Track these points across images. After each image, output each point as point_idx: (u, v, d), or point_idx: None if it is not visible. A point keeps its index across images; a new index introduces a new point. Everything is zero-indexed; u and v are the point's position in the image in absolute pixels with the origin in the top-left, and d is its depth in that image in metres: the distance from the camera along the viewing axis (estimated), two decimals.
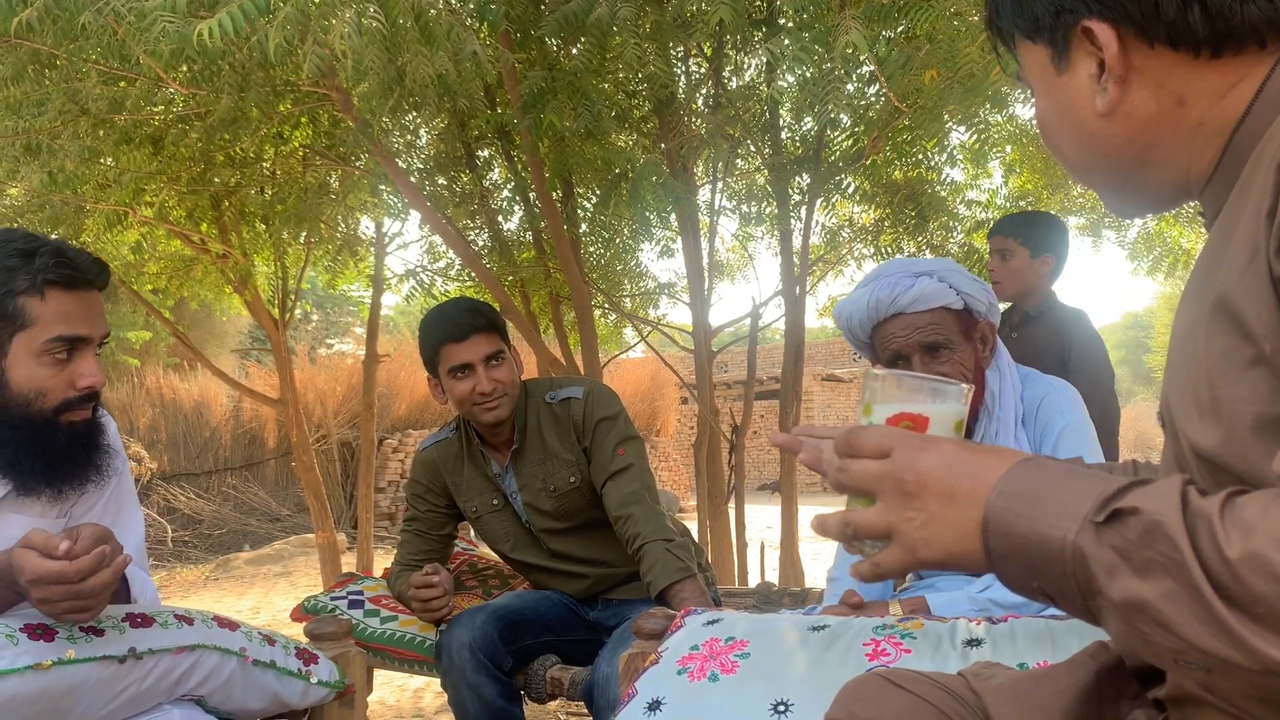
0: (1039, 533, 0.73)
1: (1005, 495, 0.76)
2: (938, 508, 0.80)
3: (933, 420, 0.91)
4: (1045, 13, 0.89)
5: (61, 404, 1.60)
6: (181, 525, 11.04)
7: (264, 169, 5.38)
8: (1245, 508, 0.65)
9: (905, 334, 1.96)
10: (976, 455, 0.81)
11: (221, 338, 15.18)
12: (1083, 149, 0.92)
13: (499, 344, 2.45)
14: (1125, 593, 0.68)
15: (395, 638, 2.64)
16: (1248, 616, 0.63)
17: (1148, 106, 0.85)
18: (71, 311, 1.58)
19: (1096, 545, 0.70)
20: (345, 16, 2.51)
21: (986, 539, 0.77)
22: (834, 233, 5.96)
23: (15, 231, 1.61)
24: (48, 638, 1.48)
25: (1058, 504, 0.73)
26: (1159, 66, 0.84)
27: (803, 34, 3.19)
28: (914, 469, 0.81)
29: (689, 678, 1.55)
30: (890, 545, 0.83)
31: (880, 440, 0.85)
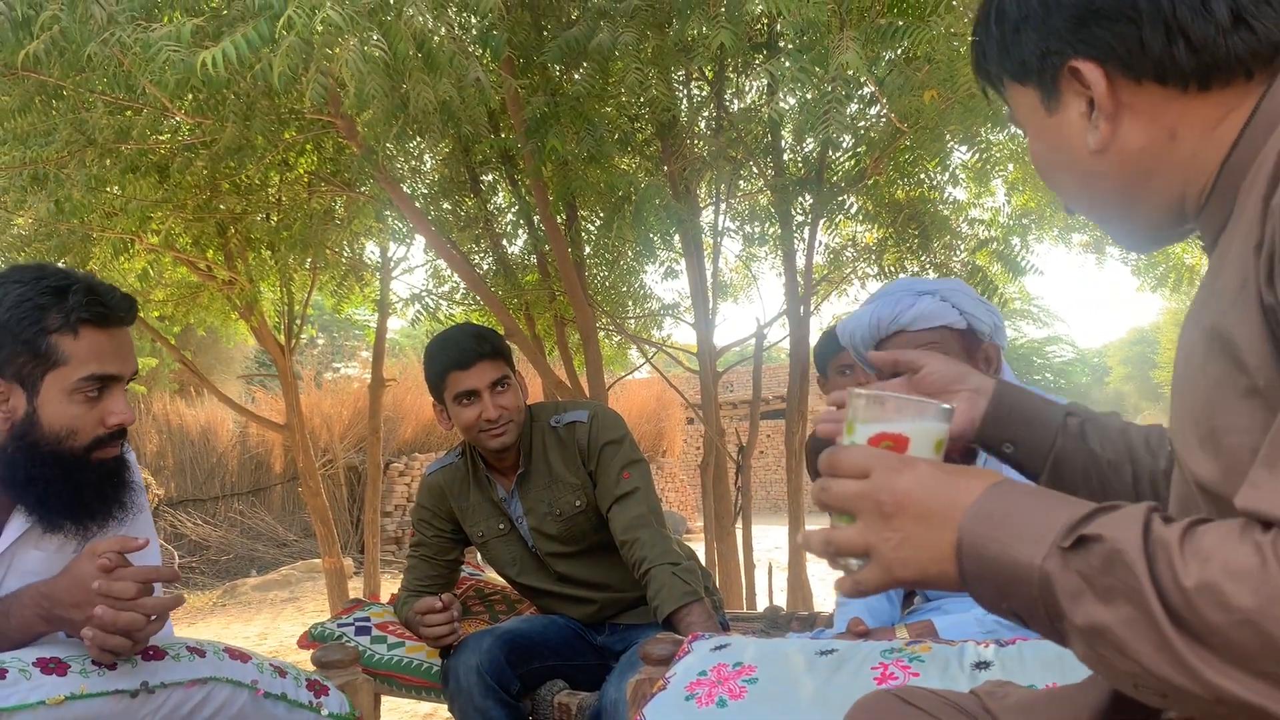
0: (1009, 556, 0.75)
1: (978, 518, 0.78)
2: (913, 529, 0.81)
3: (913, 440, 0.92)
4: (1032, 55, 0.89)
5: (93, 442, 1.60)
6: (188, 551, 11.03)
7: (269, 196, 5.41)
8: (1204, 537, 0.66)
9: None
10: (952, 477, 0.82)
11: (228, 363, 15.22)
12: (1080, 186, 0.93)
13: (504, 370, 2.45)
14: (1087, 618, 0.69)
15: (403, 664, 2.64)
16: (1201, 645, 0.64)
17: (1139, 141, 0.86)
18: (103, 350, 1.58)
19: (1062, 570, 0.71)
20: (349, 45, 2.53)
21: (960, 561, 0.78)
22: (837, 252, 5.97)
23: (47, 268, 1.61)
24: (60, 672, 1.48)
25: (1027, 529, 0.74)
26: (1148, 101, 0.85)
27: (802, 55, 3.21)
28: (891, 490, 0.83)
29: (697, 704, 1.54)
30: (869, 563, 0.84)
31: (860, 460, 0.86)
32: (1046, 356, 26.89)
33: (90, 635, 1.46)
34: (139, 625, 1.48)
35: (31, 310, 1.53)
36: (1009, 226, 5.92)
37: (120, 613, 1.45)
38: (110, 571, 1.46)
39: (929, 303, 1.94)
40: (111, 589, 1.46)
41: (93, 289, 1.58)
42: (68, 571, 1.52)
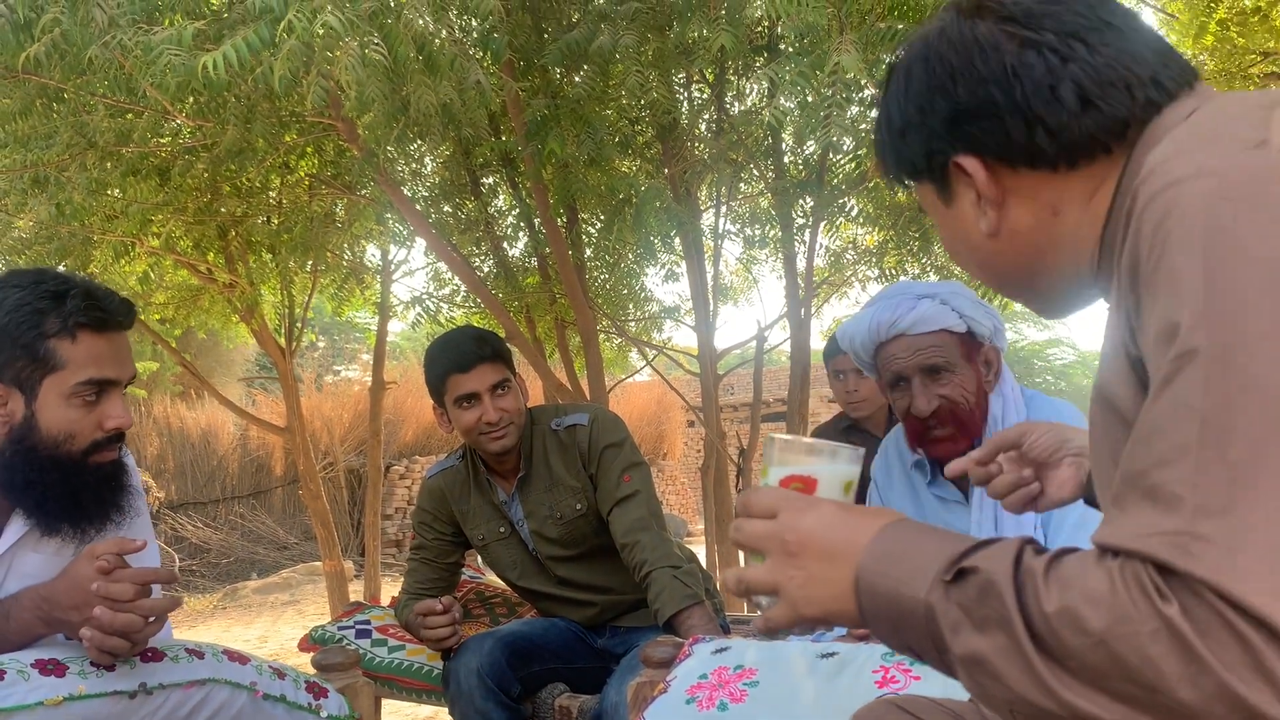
0: (898, 592, 0.78)
1: (873, 556, 0.81)
2: (816, 567, 0.85)
3: (821, 482, 0.95)
4: (919, 156, 0.95)
5: (90, 446, 1.60)
6: (189, 554, 11.03)
7: (270, 199, 5.41)
8: (1066, 566, 0.70)
9: (906, 356, 1.96)
10: (854, 517, 0.86)
11: (228, 366, 15.22)
12: (983, 267, 0.99)
13: (505, 373, 2.45)
14: (966, 647, 0.72)
15: (403, 667, 2.63)
16: (1061, 669, 0.67)
17: (1027, 221, 0.92)
18: (101, 354, 1.58)
19: (944, 603, 0.74)
20: (349, 48, 2.53)
21: (859, 598, 0.82)
22: (838, 255, 5.97)
23: (45, 272, 1.61)
24: (59, 673, 1.48)
25: (914, 564, 0.78)
26: (1028, 184, 0.90)
27: (802, 59, 3.21)
28: (796, 530, 0.86)
29: (698, 707, 1.54)
30: (778, 601, 0.88)
31: (769, 501, 0.90)
32: (1047, 359, 26.86)
33: (89, 636, 1.46)
34: (137, 627, 1.48)
35: (30, 315, 1.53)
36: None
37: (118, 614, 1.46)
38: (108, 573, 1.46)
39: (928, 306, 1.94)
40: (110, 590, 1.46)
41: (91, 294, 1.58)
42: (66, 574, 1.52)
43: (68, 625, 1.51)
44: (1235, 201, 0.70)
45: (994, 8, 0.90)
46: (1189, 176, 0.73)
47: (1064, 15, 0.88)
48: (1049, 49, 0.86)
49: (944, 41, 0.91)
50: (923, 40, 0.94)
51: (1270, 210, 0.69)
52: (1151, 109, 0.86)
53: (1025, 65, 0.87)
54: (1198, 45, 5.51)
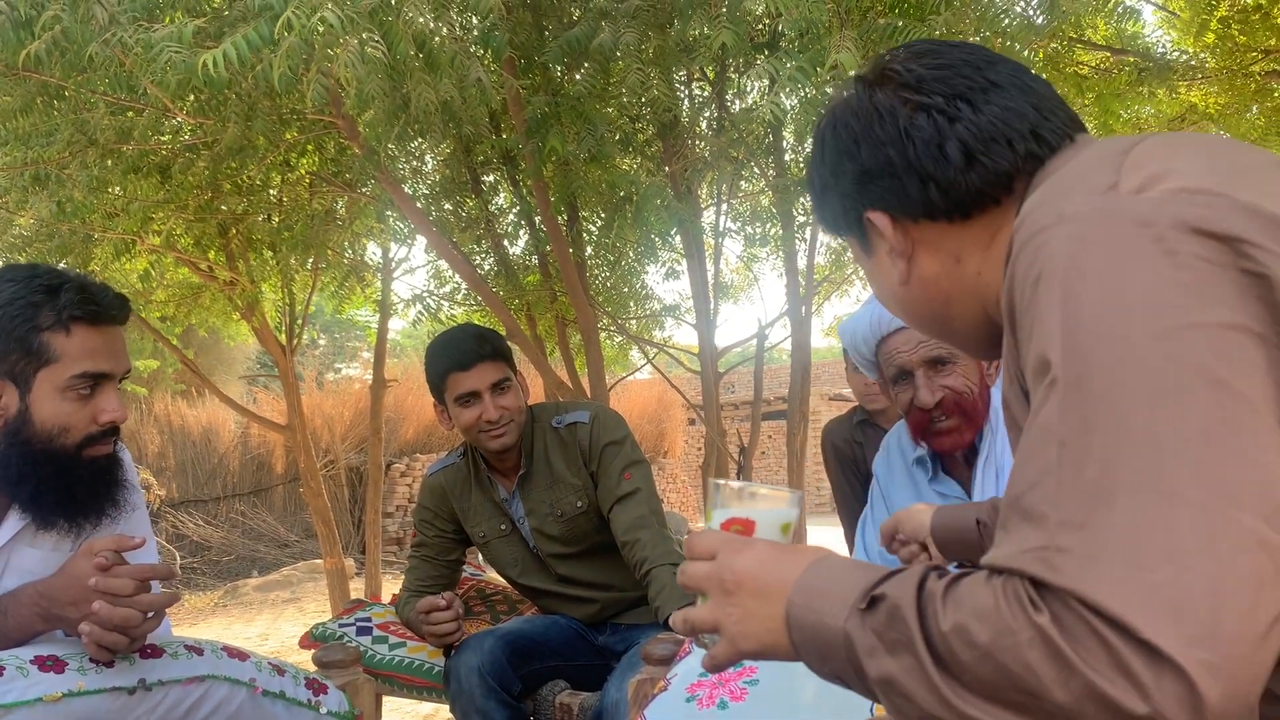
0: (821, 622, 0.82)
1: (800, 591, 0.86)
2: (751, 604, 0.89)
3: (759, 524, 1.01)
4: (839, 214, 1.04)
5: (84, 439, 1.60)
6: (190, 552, 11.03)
7: (271, 196, 5.41)
8: (961, 587, 0.74)
9: (909, 349, 1.95)
10: (785, 556, 0.90)
11: (229, 364, 15.22)
12: (903, 312, 1.07)
13: (505, 371, 2.45)
14: (879, 670, 0.77)
15: (404, 664, 2.63)
16: (958, 684, 0.71)
17: (933, 268, 1.00)
18: (96, 348, 1.58)
19: (860, 630, 0.79)
20: (349, 46, 2.52)
21: (790, 632, 0.86)
22: (838, 253, 5.97)
23: (39, 267, 1.62)
24: (58, 669, 1.48)
25: (835, 596, 0.82)
26: (932, 235, 0.98)
27: (801, 55, 3.21)
28: (732, 569, 0.91)
29: (698, 705, 1.54)
30: (720, 639, 0.92)
31: (708, 543, 0.95)
32: None
33: (87, 631, 1.46)
34: (135, 622, 1.48)
35: (24, 308, 1.54)
36: None
37: (116, 609, 1.46)
38: (106, 569, 1.47)
39: None
40: (108, 585, 1.46)
41: (85, 287, 1.59)
42: (64, 570, 1.52)
43: (66, 622, 1.51)
44: (1087, 241, 0.77)
45: (893, 76, 0.98)
46: (1051, 223, 0.80)
47: (953, 79, 0.95)
48: (937, 111, 0.94)
49: (848, 110, 1.00)
50: (832, 110, 1.03)
51: (1114, 247, 0.75)
52: (1034, 161, 0.94)
53: (916, 127, 0.95)
54: (1199, 43, 5.51)
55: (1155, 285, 0.72)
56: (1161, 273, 0.72)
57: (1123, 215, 0.76)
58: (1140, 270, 0.73)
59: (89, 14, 2.60)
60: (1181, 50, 5.71)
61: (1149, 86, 5.28)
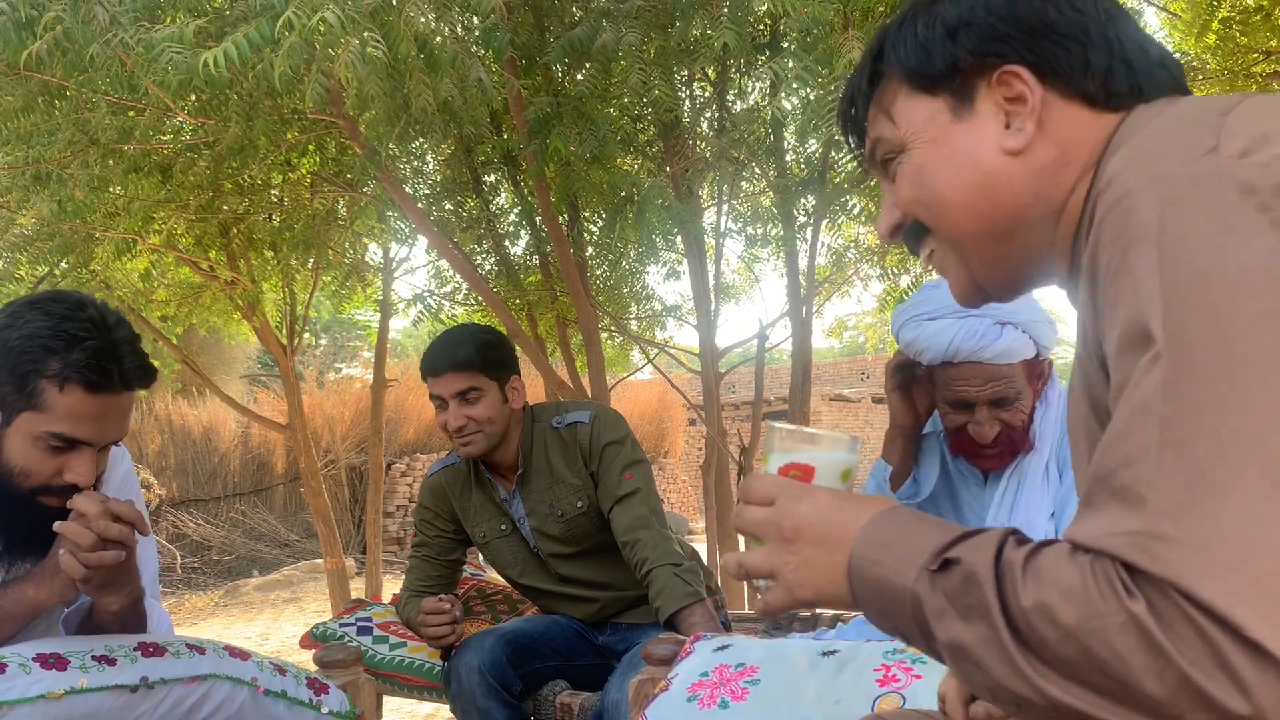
0: (887, 579, 0.81)
1: (864, 543, 0.84)
2: (810, 552, 0.88)
3: (818, 470, 0.98)
4: (959, 56, 0.94)
5: (41, 486, 1.55)
6: (190, 552, 11.04)
7: (272, 196, 5.41)
8: (1043, 559, 0.72)
9: (978, 385, 1.92)
10: (847, 504, 0.88)
11: (230, 364, 15.22)
12: (976, 193, 0.94)
13: (471, 381, 2.42)
14: (949, 635, 0.75)
15: (404, 664, 2.64)
16: (1037, 659, 0.70)
17: (1048, 153, 0.91)
18: (82, 414, 1.53)
19: (930, 592, 0.77)
20: (350, 45, 2.53)
21: (851, 582, 0.85)
22: (840, 253, 5.96)
23: (86, 308, 1.56)
24: (60, 667, 1.48)
25: (903, 553, 0.81)
26: (1063, 118, 0.91)
27: (806, 55, 3.21)
28: (791, 516, 0.89)
29: (699, 705, 1.54)
30: (775, 585, 0.91)
31: (766, 488, 0.93)
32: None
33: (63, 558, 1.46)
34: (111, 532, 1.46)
35: (37, 348, 1.50)
36: None
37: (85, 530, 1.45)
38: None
39: (1012, 338, 1.89)
40: (74, 504, 1.46)
41: (105, 351, 1.53)
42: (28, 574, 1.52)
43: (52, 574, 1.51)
44: (1185, 207, 0.72)
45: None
46: (1143, 186, 0.75)
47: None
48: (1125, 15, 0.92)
49: None
50: None
51: (1219, 216, 0.71)
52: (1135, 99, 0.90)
53: (1120, 15, 0.92)
54: (1200, 44, 5.50)
55: (1265, 257, 0.69)
56: (1271, 243, 0.69)
57: (1225, 180, 0.72)
58: (1248, 240, 0.69)
59: (90, 14, 2.60)
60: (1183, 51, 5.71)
61: None
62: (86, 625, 1.68)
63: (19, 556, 1.59)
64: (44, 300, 1.56)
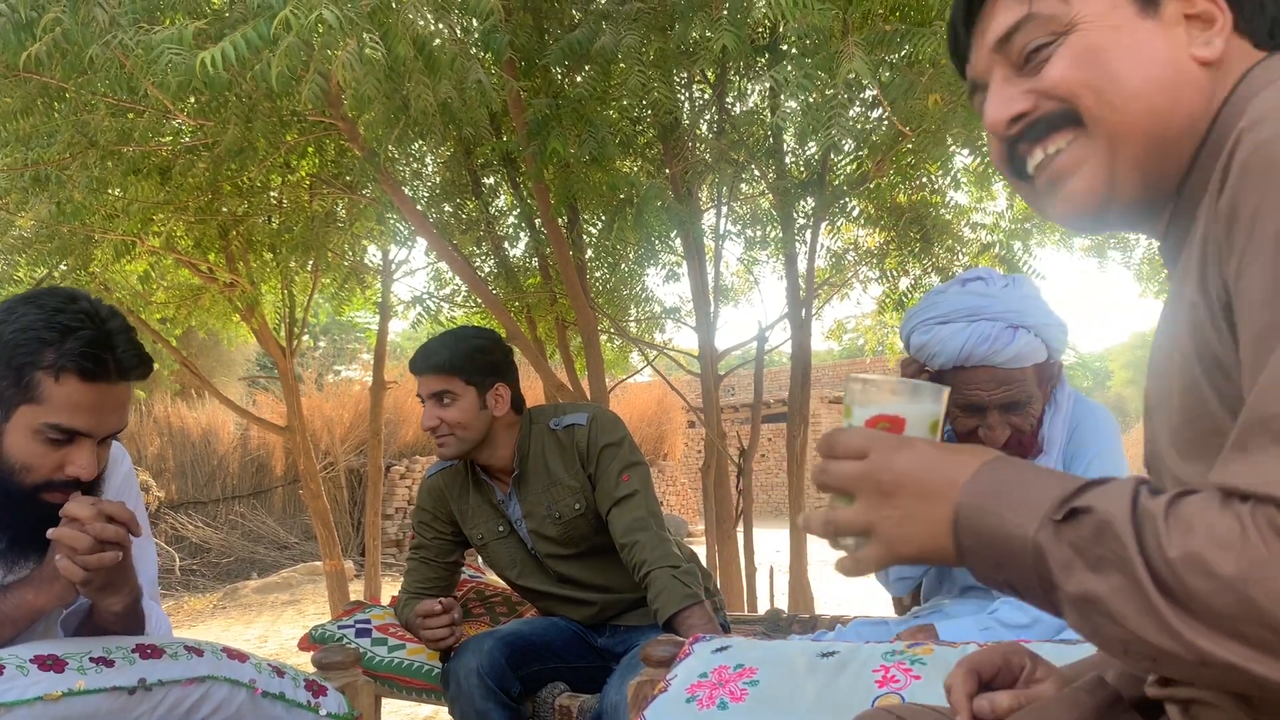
0: (1003, 530, 0.78)
1: (974, 493, 0.81)
2: (913, 506, 0.84)
3: (909, 421, 0.94)
4: None
5: (44, 483, 1.55)
6: (189, 554, 11.03)
7: (271, 198, 5.41)
8: (1187, 508, 0.69)
9: (990, 389, 1.92)
10: (949, 454, 0.85)
11: (229, 366, 15.22)
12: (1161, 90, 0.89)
13: (446, 385, 2.44)
14: (1080, 587, 0.73)
15: (403, 666, 2.63)
16: (1185, 612, 0.67)
17: (1218, 75, 0.89)
18: (80, 403, 1.52)
19: (1054, 542, 0.74)
20: (348, 46, 2.53)
21: (957, 535, 0.81)
22: (839, 256, 5.96)
23: (79, 301, 1.56)
24: (57, 669, 1.48)
25: (1020, 502, 0.78)
26: (1227, 46, 0.89)
27: (806, 60, 3.21)
28: (890, 469, 0.85)
29: (698, 706, 1.54)
30: (870, 542, 0.87)
31: (858, 442, 0.89)
32: None
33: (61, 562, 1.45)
34: (107, 534, 1.46)
35: (32, 340, 1.50)
36: (1011, 231, 5.92)
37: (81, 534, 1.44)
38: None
39: (1025, 341, 1.89)
40: (66, 510, 1.45)
41: (99, 340, 1.53)
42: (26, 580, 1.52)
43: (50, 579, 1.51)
44: None
45: None
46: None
47: None
48: None
49: None
50: None
51: None
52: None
53: None
54: None
55: None
56: None
57: None
58: None
59: (89, 16, 2.60)
60: None
61: None
62: (85, 626, 1.68)
63: (21, 555, 1.59)
64: (37, 295, 1.57)
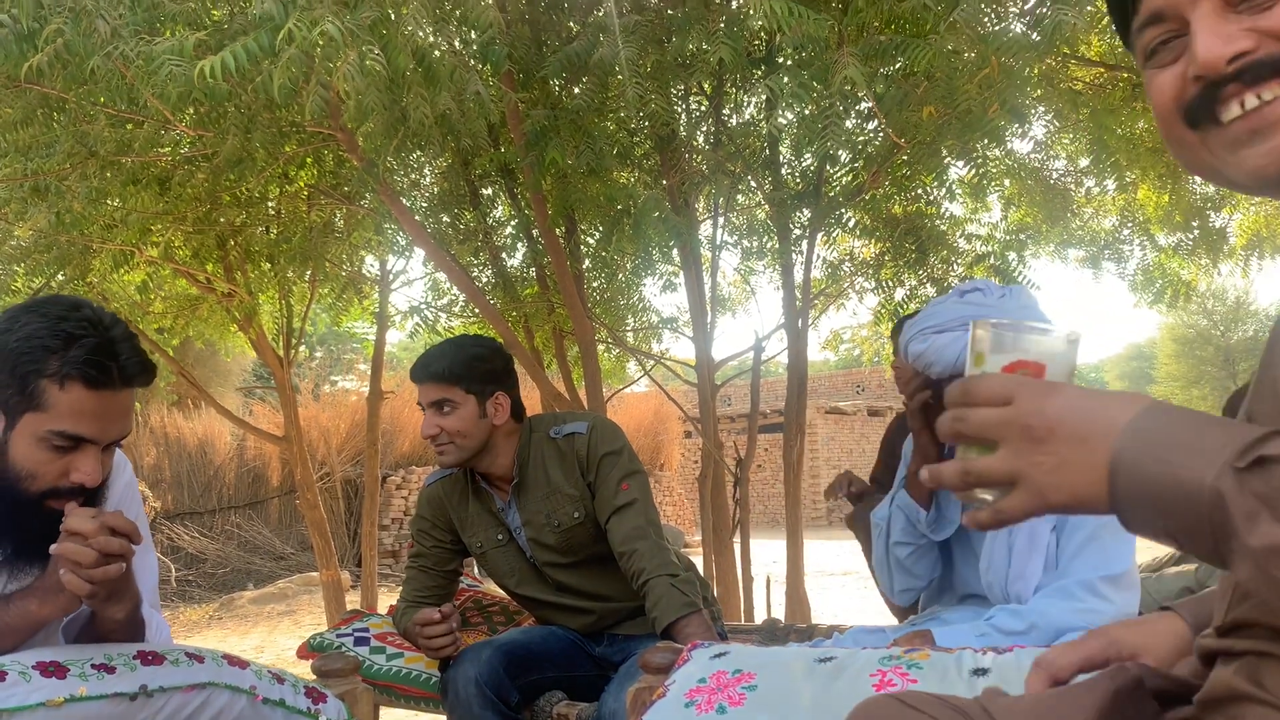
0: (1173, 476, 0.74)
1: (1137, 437, 0.77)
2: (1068, 451, 0.80)
3: (1049, 367, 0.90)
4: None
5: (49, 490, 1.56)
6: (185, 564, 11.01)
7: (269, 209, 5.43)
8: None
9: None
10: (1104, 398, 0.81)
11: (225, 376, 15.22)
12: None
13: (445, 393, 2.46)
14: (1266, 539, 0.69)
15: (402, 675, 2.64)
16: None
17: None
18: (84, 410, 1.53)
19: (1237, 491, 0.71)
20: (349, 58, 2.54)
21: (1114, 481, 0.77)
22: (835, 266, 5.99)
23: (82, 309, 1.56)
24: (59, 675, 1.48)
25: (1194, 448, 0.74)
26: None
27: (801, 71, 3.23)
28: (1041, 414, 0.81)
29: (696, 710, 1.55)
30: (1015, 491, 0.83)
31: (1001, 387, 0.85)
32: None
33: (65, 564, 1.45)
34: (112, 547, 1.46)
35: (36, 348, 1.51)
36: (1005, 241, 5.94)
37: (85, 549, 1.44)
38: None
39: None
40: (69, 525, 1.45)
41: (103, 347, 1.53)
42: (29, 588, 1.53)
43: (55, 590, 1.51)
44: None
45: None
46: None
47: None
48: None
49: None
50: None
51: None
52: None
53: None
54: None
55: None
56: None
57: None
58: None
59: (91, 27, 2.62)
60: None
61: (1143, 102, 5.32)
62: (86, 634, 1.69)
63: (25, 563, 1.59)
64: (40, 303, 1.57)
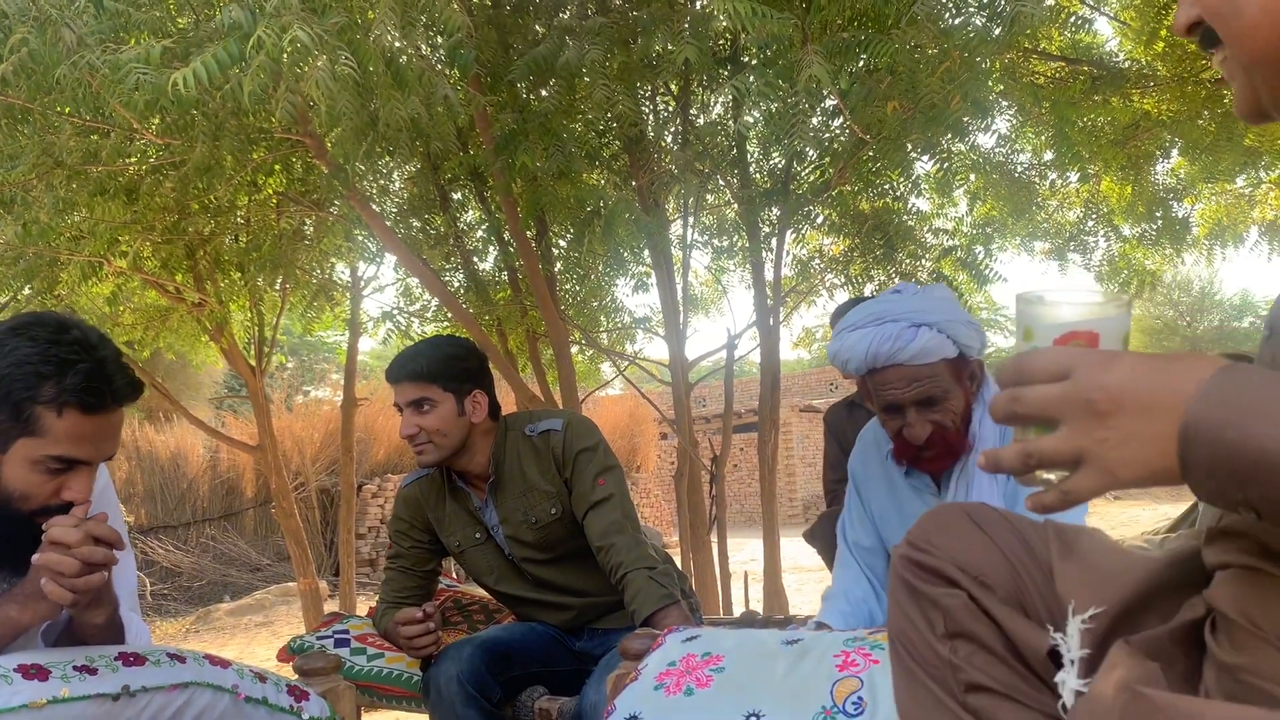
0: (1255, 444, 0.70)
1: (1211, 403, 0.73)
2: (1135, 424, 0.76)
3: (1104, 336, 0.85)
4: None
5: (40, 508, 1.58)
6: (160, 578, 10.92)
7: (238, 217, 5.41)
8: None
9: (902, 388, 1.98)
10: (1168, 364, 0.77)
11: (196, 389, 15.11)
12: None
13: (424, 392, 2.46)
14: None
15: (383, 675, 2.65)
16: None
17: None
18: (81, 435, 1.56)
19: None
20: (319, 63, 2.56)
21: (1185, 449, 0.74)
22: (805, 263, 6.04)
23: (70, 330, 1.57)
24: (41, 677, 1.49)
25: (1272, 413, 0.70)
26: None
27: (767, 70, 3.27)
28: (1103, 387, 0.77)
29: (665, 693, 1.58)
30: (1082, 470, 0.79)
31: (1057, 362, 0.80)
32: None
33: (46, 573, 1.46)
34: (96, 556, 1.47)
35: (29, 375, 1.52)
36: (972, 235, 6.02)
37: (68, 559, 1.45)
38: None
39: (928, 338, 1.94)
40: (52, 535, 1.46)
41: (96, 372, 1.55)
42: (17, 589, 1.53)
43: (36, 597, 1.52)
44: None
45: None
46: None
47: None
48: None
49: None
50: None
51: None
52: None
53: None
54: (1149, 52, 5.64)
55: None
56: None
57: None
58: None
59: (56, 36, 2.62)
60: (1133, 59, 5.85)
61: (1103, 95, 5.40)
62: (65, 638, 1.69)
63: (9, 570, 1.61)
64: (25, 325, 1.58)
